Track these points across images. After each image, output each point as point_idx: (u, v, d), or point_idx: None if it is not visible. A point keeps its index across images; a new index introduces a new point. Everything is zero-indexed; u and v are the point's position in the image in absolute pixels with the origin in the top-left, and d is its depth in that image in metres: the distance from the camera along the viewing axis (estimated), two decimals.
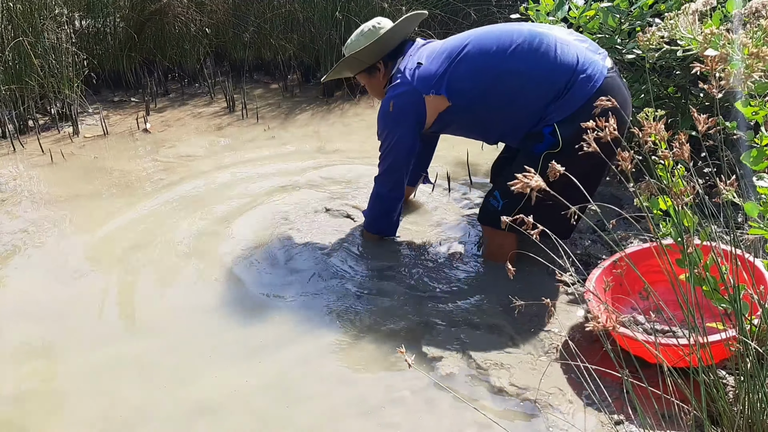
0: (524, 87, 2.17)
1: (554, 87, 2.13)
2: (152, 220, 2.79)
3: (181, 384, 1.88)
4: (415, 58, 2.33)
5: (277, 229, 2.67)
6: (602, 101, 1.36)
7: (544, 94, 2.14)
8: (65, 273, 2.42)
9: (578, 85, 2.12)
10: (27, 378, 1.92)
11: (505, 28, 2.29)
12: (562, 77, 2.13)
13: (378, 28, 2.41)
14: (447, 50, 2.29)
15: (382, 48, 2.40)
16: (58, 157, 3.38)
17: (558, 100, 2.14)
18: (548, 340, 1.99)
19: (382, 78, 2.44)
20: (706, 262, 1.39)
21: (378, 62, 2.42)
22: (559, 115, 2.14)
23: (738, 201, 1.06)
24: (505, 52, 2.19)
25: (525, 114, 2.18)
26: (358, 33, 2.45)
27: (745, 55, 0.78)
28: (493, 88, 2.20)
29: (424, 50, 2.36)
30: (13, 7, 3.72)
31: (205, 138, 3.68)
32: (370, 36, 2.39)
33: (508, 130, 2.29)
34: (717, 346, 1.56)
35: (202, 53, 4.59)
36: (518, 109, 2.19)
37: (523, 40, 2.19)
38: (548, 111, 2.15)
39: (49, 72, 3.76)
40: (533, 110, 2.16)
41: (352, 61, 2.44)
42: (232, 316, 2.17)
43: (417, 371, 1.82)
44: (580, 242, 2.50)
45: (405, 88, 2.29)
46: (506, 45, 2.20)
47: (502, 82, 2.18)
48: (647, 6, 2.66)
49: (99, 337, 2.09)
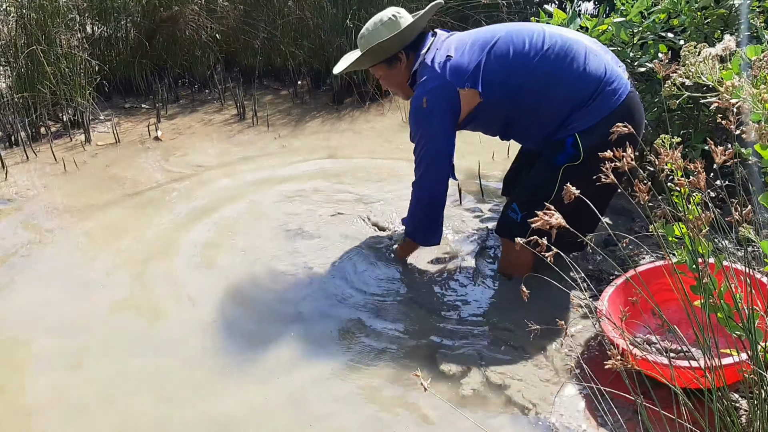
0: (553, 90, 2.15)
1: (581, 95, 2.14)
2: (164, 231, 2.81)
3: (198, 400, 1.90)
4: (443, 51, 2.23)
5: (290, 242, 2.68)
6: (619, 128, 1.37)
7: (571, 101, 2.14)
8: (78, 285, 2.44)
9: (604, 96, 2.14)
10: (44, 390, 1.95)
11: (535, 28, 2.25)
12: (589, 86, 2.14)
13: (398, 18, 2.30)
14: (478, 43, 2.22)
15: (404, 39, 2.29)
16: (71, 166, 3.41)
17: (582, 109, 2.15)
18: (562, 358, 2.00)
19: (404, 69, 2.33)
20: (720, 290, 1.40)
21: (399, 52, 2.30)
22: (582, 123, 2.15)
23: (754, 238, 1.07)
24: (537, 53, 2.16)
25: (549, 117, 2.17)
26: (376, 23, 2.32)
27: (764, 108, 0.79)
28: (524, 87, 2.16)
29: (450, 42, 2.27)
30: (27, 15, 3.75)
31: (216, 146, 3.70)
32: (392, 27, 2.28)
33: (529, 130, 2.27)
34: (730, 369, 1.57)
35: (213, 60, 4.61)
36: (544, 111, 2.18)
37: (554, 42, 2.18)
38: (572, 118, 2.16)
39: (61, 79, 3.79)
40: (558, 115, 2.16)
41: (375, 50, 2.30)
42: (247, 331, 2.18)
43: (432, 390, 1.83)
44: (591, 257, 2.51)
45: (438, 81, 2.18)
46: (539, 46, 2.17)
47: (533, 82, 2.15)
48: (659, 21, 2.67)
49: (114, 350, 2.12)
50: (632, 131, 1.33)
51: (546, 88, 2.15)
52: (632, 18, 2.67)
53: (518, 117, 2.22)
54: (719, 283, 1.45)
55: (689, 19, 2.67)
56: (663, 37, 2.72)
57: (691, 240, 1.40)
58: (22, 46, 3.73)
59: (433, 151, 2.27)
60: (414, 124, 2.28)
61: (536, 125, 2.22)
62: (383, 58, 2.32)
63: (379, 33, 2.30)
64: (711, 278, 1.39)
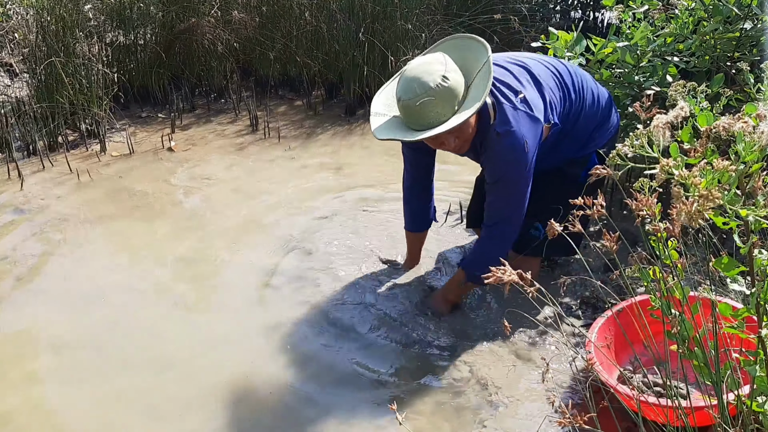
0: (583, 112, 2.30)
1: (601, 114, 2.35)
2: (171, 245, 2.87)
3: (189, 418, 1.94)
4: (503, 86, 2.10)
5: (294, 259, 2.73)
6: (598, 170, 1.37)
7: (595, 120, 2.33)
8: (83, 299, 2.50)
9: (612, 114, 2.40)
10: (34, 407, 2.00)
11: (542, 57, 2.36)
12: (604, 105, 2.35)
13: (456, 77, 2.00)
14: (522, 74, 2.16)
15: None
16: (84, 177, 3.49)
17: (602, 127, 2.36)
18: (543, 391, 2.00)
19: (475, 121, 2.10)
20: (696, 336, 1.39)
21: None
22: (600, 141, 2.36)
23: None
24: (570, 80, 2.27)
25: (578, 137, 2.32)
26: (442, 90, 1.95)
27: (694, 195, 0.78)
28: (570, 114, 2.26)
29: (497, 76, 2.10)
30: (47, 27, 3.85)
31: (226, 158, 3.75)
32: (457, 88, 1.99)
33: (558, 152, 2.32)
34: (702, 413, 1.56)
35: (229, 69, 4.66)
36: (575, 132, 2.31)
37: (570, 68, 2.33)
38: (593, 136, 2.35)
39: (79, 90, 3.87)
40: (584, 134, 2.32)
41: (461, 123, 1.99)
42: (245, 349, 2.22)
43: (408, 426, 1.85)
44: (589, 282, 2.49)
45: (530, 121, 2.09)
46: (567, 73, 2.28)
47: (573, 108, 2.26)
48: (662, 45, 2.64)
49: (109, 366, 2.17)
50: (610, 174, 1.34)
51: (580, 111, 2.29)
52: (637, 41, 2.64)
53: (558, 141, 2.29)
54: (698, 325, 1.44)
55: (697, 42, 2.64)
56: (668, 60, 2.69)
57: (667, 284, 1.39)
58: (41, 57, 3.82)
59: (524, 192, 2.17)
60: (514, 167, 2.11)
61: (566, 146, 2.32)
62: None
63: (445, 97, 1.96)
64: (686, 325, 1.38)
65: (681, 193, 0.82)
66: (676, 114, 0.87)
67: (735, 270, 1.04)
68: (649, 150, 0.91)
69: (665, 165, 0.83)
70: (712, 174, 0.81)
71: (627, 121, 2.76)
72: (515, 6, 4.65)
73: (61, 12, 3.87)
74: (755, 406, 1.15)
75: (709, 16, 2.61)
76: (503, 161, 2.13)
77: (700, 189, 0.79)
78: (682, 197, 0.82)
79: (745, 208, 0.85)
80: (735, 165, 0.83)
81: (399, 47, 4.25)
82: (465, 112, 1.98)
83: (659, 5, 2.75)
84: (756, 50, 2.68)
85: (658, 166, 0.86)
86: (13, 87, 4.37)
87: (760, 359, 1.08)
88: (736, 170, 0.82)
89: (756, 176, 0.91)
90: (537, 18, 4.88)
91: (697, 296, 1.37)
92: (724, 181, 0.84)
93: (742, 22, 2.59)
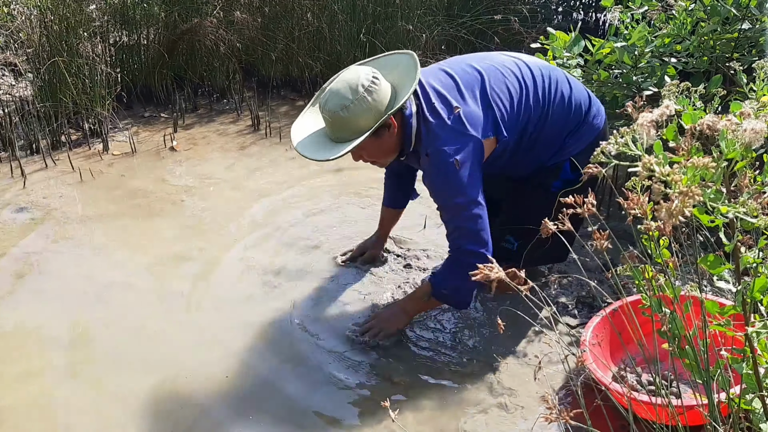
0: (551, 118, 2.17)
1: (574, 119, 2.19)
2: (172, 244, 2.89)
3: (189, 419, 1.95)
4: (439, 101, 2.04)
5: (295, 258, 2.74)
6: (590, 169, 1.38)
7: (567, 126, 2.19)
8: (83, 297, 2.52)
9: (591, 118, 2.22)
10: (30, 404, 2.02)
11: (514, 60, 2.20)
12: (580, 110, 2.19)
13: (380, 81, 1.99)
14: (470, 86, 2.08)
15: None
16: (87, 175, 3.51)
17: (575, 133, 2.20)
18: (537, 390, 2.01)
19: (396, 133, 2.06)
20: (687, 335, 1.40)
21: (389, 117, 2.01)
22: (575, 147, 2.20)
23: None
24: (533, 85, 2.15)
25: (547, 145, 2.19)
26: (358, 95, 1.94)
27: (675, 192, 0.79)
28: (530, 122, 2.14)
29: (438, 88, 2.07)
30: (50, 27, 3.87)
31: (227, 158, 3.76)
32: (379, 94, 1.98)
33: (526, 160, 2.22)
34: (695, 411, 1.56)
35: (231, 70, 4.69)
36: (544, 139, 2.19)
37: (540, 72, 2.19)
38: (566, 143, 2.20)
39: (83, 89, 3.90)
40: (555, 141, 2.20)
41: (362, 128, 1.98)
42: (249, 351, 2.24)
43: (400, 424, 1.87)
44: (585, 282, 2.50)
45: (463, 137, 2.01)
46: (530, 77, 2.15)
47: (536, 115, 2.14)
48: (660, 45, 2.65)
49: (108, 366, 2.19)
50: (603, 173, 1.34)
51: (545, 118, 2.16)
52: (635, 42, 2.65)
53: (519, 150, 2.19)
54: (689, 325, 1.44)
55: (696, 43, 2.64)
56: (666, 62, 2.69)
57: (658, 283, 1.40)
58: (45, 57, 3.85)
59: (474, 211, 2.06)
60: (446, 188, 2.05)
61: (534, 154, 2.21)
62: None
63: (366, 107, 1.95)
64: (677, 323, 1.39)
65: (660, 190, 0.83)
66: (661, 112, 0.88)
67: (721, 268, 1.05)
68: (633, 148, 0.92)
69: (647, 162, 0.84)
70: (693, 171, 0.82)
71: (625, 121, 2.77)
72: (516, 7, 4.66)
73: (64, 12, 3.90)
74: (743, 403, 1.16)
75: (708, 17, 2.62)
76: (435, 183, 2.07)
77: (681, 186, 0.80)
78: (661, 195, 0.83)
79: (726, 205, 0.86)
80: (717, 162, 0.84)
81: (400, 48, 4.26)
82: (354, 141, 1.96)
83: (658, 6, 2.75)
84: (755, 51, 2.68)
85: (639, 164, 0.87)
86: (17, 86, 4.40)
87: (747, 357, 1.08)
88: (717, 167, 0.83)
89: (741, 174, 0.92)
90: (538, 19, 4.89)
91: (686, 294, 1.38)
92: (708, 179, 0.85)
93: (740, 23, 2.60)
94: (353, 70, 2.05)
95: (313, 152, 2.06)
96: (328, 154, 2.02)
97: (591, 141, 2.19)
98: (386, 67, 2.10)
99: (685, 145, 0.88)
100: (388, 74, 2.06)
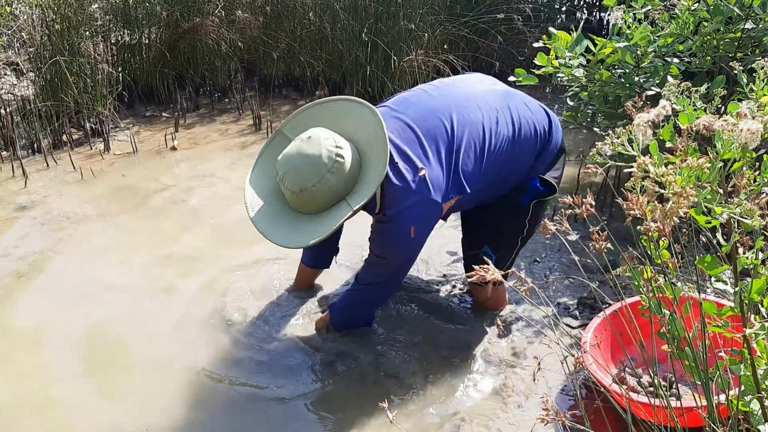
0: (518, 150, 2.14)
1: (540, 142, 2.19)
2: (173, 243, 2.89)
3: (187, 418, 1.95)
4: (402, 161, 1.95)
5: (295, 258, 2.72)
6: (589, 169, 1.37)
7: (534, 151, 2.18)
8: (83, 296, 2.52)
9: (553, 133, 2.22)
10: (27, 402, 2.02)
11: (469, 95, 2.12)
12: (543, 131, 2.19)
13: (346, 156, 1.90)
14: (433, 139, 2.00)
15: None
16: (88, 175, 3.51)
17: (543, 153, 2.20)
18: (537, 392, 2.00)
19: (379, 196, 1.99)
20: (687, 336, 1.38)
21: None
22: (543, 165, 2.21)
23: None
24: (495, 125, 2.08)
25: (517, 173, 2.18)
26: (320, 177, 1.86)
27: (669, 192, 0.78)
28: (496, 164, 2.10)
29: (400, 145, 1.97)
30: (52, 26, 3.88)
31: (228, 157, 3.76)
32: (343, 174, 1.90)
33: (498, 191, 2.20)
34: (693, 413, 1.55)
35: (233, 69, 4.69)
36: (514, 171, 2.18)
37: (499, 104, 2.12)
38: (535, 167, 2.20)
39: (84, 89, 3.90)
40: (525, 168, 2.19)
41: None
42: (249, 350, 2.23)
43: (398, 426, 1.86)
44: (586, 284, 2.49)
45: (425, 205, 1.97)
46: (492, 115, 2.08)
47: (502, 156, 2.10)
48: (663, 45, 2.63)
49: (108, 364, 2.19)
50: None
51: (512, 153, 2.13)
52: (638, 42, 2.63)
53: (489, 187, 2.15)
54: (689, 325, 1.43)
55: (698, 43, 2.63)
56: (668, 62, 2.68)
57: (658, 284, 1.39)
58: (46, 56, 3.85)
59: (407, 266, 2.16)
60: (395, 251, 2.07)
61: (503, 186, 2.19)
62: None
63: (330, 186, 1.88)
64: (677, 324, 1.38)
65: (654, 190, 0.82)
66: (657, 112, 0.87)
67: (718, 269, 1.04)
68: (629, 148, 0.91)
69: (642, 163, 0.83)
70: (688, 171, 0.81)
71: (627, 121, 2.75)
72: (519, 6, 4.64)
73: (66, 11, 3.90)
74: (741, 405, 1.15)
75: (711, 16, 2.60)
76: (387, 244, 2.06)
77: (675, 187, 0.79)
78: (655, 196, 0.82)
79: (721, 205, 0.85)
80: (713, 163, 0.83)
81: (402, 47, 4.26)
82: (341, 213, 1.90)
83: (661, 5, 2.74)
84: (758, 51, 2.67)
85: (635, 164, 0.86)
86: (19, 86, 4.40)
87: (745, 358, 1.07)
88: (711, 167, 0.82)
89: (738, 174, 0.91)
90: (541, 18, 4.88)
91: (685, 295, 1.37)
92: (703, 180, 0.84)
93: (743, 23, 2.58)
94: (315, 138, 1.90)
95: (280, 234, 1.97)
96: (298, 238, 1.94)
97: (555, 154, 2.23)
98: (350, 120, 1.99)
99: (682, 146, 0.88)
100: (355, 133, 1.97)
